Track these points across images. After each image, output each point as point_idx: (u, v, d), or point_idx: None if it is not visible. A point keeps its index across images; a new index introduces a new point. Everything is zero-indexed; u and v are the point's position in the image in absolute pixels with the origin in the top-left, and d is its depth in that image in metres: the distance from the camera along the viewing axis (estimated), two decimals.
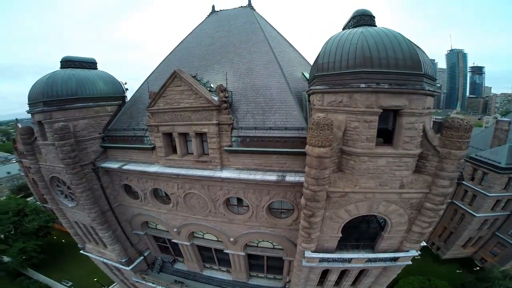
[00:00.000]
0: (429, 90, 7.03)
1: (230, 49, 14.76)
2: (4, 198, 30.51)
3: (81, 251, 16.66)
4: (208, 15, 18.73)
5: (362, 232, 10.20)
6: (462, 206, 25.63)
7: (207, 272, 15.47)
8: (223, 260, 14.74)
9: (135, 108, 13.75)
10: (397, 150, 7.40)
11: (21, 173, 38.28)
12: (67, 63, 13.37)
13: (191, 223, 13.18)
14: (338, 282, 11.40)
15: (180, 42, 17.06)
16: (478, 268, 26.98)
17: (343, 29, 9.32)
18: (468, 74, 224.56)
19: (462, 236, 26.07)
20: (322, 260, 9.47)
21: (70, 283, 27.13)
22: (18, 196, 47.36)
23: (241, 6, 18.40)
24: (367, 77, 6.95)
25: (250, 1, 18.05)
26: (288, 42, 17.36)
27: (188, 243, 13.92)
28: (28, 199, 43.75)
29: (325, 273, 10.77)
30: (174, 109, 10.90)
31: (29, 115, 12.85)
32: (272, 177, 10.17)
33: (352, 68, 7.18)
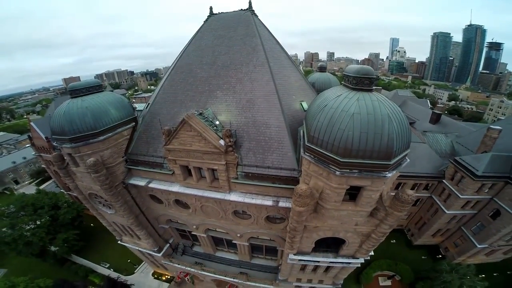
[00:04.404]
0: (391, 173, 8.46)
1: (231, 72, 15.20)
2: (35, 192, 33.98)
3: (119, 242, 21.17)
4: (206, 19, 17.41)
5: (331, 240, 14.24)
6: (438, 202, 27.52)
7: (219, 254, 20.73)
8: (231, 244, 19.58)
9: (149, 134, 15.51)
10: (356, 207, 10.27)
11: (38, 160, 40.79)
12: (75, 91, 13.94)
13: (207, 223, 17.31)
14: (314, 270, 16.40)
15: (181, 55, 16.84)
16: (440, 256, 29.64)
17: (343, 78, 9.79)
18: (485, 50, 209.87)
19: (432, 227, 28.71)
20: (300, 260, 13.93)
21: (108, 265, 31.67)
22: (37, 180, 51.37)
23: (241, 9, 16.94)
24: (343, 164, 8.62)
25: (251, 4, 16.56)
26: (289, 57, 17.04)
27: (204, 235, 18.52)
28: (48, 182, 48.17)
29: (304, 265, 15.61)
30: (188, 150, 12.99)
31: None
32: (268, 202, 13.40)
33: (334, 152, 8.66)
